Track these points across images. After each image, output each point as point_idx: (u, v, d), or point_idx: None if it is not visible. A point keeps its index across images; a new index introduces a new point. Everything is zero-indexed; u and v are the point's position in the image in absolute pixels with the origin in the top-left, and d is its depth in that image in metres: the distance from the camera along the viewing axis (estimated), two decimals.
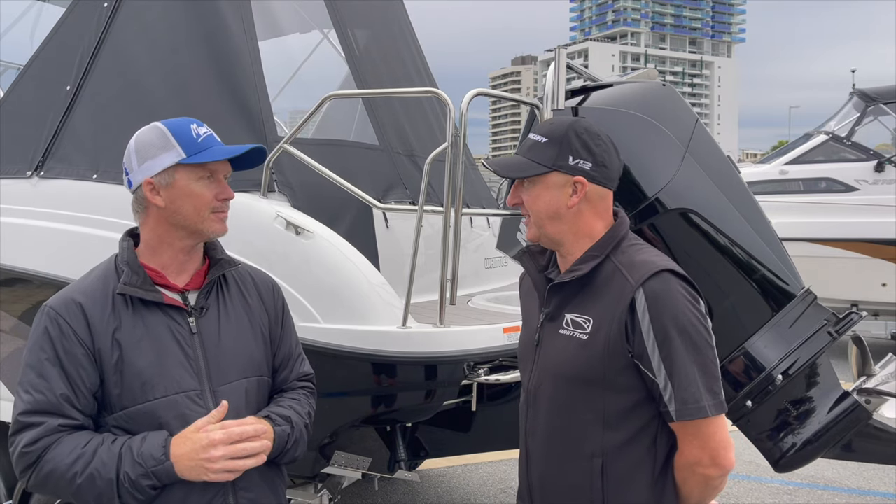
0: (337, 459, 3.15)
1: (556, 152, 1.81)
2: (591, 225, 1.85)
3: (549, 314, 1.88)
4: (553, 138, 1.82)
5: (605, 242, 1.84)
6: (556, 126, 1.85)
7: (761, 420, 2.86)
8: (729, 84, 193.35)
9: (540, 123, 1.91)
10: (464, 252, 3.45)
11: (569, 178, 1.81)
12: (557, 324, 1.85)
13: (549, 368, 1.87)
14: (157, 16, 3.54)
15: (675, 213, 2.78)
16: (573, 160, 1.81)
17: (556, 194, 1.82)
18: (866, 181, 8.63)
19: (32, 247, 3.39)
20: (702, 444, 1.74)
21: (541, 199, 1.84)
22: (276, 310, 1.99)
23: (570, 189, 1.82)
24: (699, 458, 1.75)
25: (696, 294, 1.79)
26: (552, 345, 1.86)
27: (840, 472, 5.40)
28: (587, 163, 1.81)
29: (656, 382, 1.73)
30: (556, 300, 1.87)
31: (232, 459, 1.68)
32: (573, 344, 1.80)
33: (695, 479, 1.78)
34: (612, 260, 1.82)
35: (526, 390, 1.94)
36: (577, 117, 1.91)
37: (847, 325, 2.97)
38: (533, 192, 1.85)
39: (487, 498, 5.00)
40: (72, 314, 1.73)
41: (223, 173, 1.84)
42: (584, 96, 3.13)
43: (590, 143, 1.82)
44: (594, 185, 1.82)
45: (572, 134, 1.82)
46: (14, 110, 3.74)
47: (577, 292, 1.83)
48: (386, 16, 4.62)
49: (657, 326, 1.71)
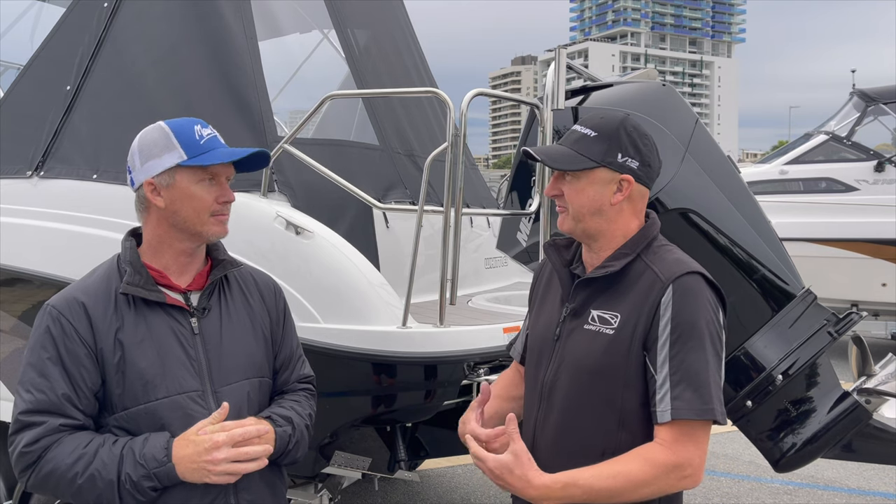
0: (337, 459, 3.15)
1: (605, 148, 1.79)
2: (627, 223, 1.84)
3: (574, 309, 1.85)
4: (603, 133, 1.81)
5: (638, 241, 1.83)
6: (606, 121, 1.83)
7: (761, 420, 2.86)
8: (729, 84, 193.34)
9: (587, 116, 1.89)
10: (464, 252, 3.45)
11: (615, 176, 1.80)
12: (582, 319, 1.83)
13: (569, 362, 1.83)
14: (157, 16, 3.54)
15: (675, 213, 2.78)
16: (622, 157, 1.79)
17: (600, 190, 1.81)
18: (866, 181, 8.63)
19: (32, 247, 3.39)
20: (696, 447, 1.70)
21: (584, 194, 1.81)
22: (278, 311, 1.99)
23: (615, 186, 1.81)
24: (690, 460, 1.69)
25: (720, 304, 1.79)
26: (575, 339, 1.83)
27: (840, 472, 5.40)
28: (635, 161, 1.80)
29: (655, 378, 1.71)
30: (582, 296, 1.85)
31: (234, 462, 1.68)
32: (599, 339, 1.78)
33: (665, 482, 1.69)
34: (643, 259, 1.81)
35: (540, 384, 1.90)
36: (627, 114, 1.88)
37: (847, 325, 2.97)
38: (577, 186, 1.82)
39: (487, 498, 5.00)
40: (74, 313, 1.73)
41: (225, 176, 1.83)
42: (584, 96, 3.14)
43: (638, 141, 1.81)
44: (637, 185, 1.82)
45: (623, 131, 1.80)
46: (14, 110, 3.74)
47: (605, 289, 1.82)
48: (386, 16, 4.63)
49: (676, 323, 1.70)
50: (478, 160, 9.51)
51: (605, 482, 1.66)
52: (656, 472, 1.67)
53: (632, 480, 1.66)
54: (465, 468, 5.50)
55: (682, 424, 1.69)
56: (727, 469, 5.50)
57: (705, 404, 1.68)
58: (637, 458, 1.69)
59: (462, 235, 2.94)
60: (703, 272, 1.78)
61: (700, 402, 1.68)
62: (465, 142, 2.89)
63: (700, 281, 1.76)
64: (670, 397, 1.69)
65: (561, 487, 1.67)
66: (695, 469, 1.70)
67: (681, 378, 1.69)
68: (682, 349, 1.70)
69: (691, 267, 1.77)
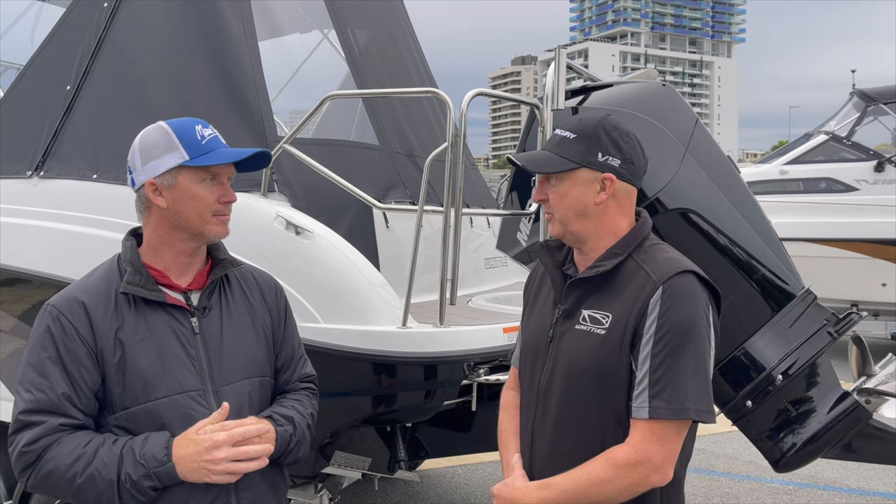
0: (337, 459, 3.15)
1: (585, 148, 1.80)
2: (616, 222, 1.84)
3: (566, 310, 1.86)
4: (582, 134, 1.82)
5: (629, 240, 1.83)
6: (585, 122, 1.84)
7: (761, 420, 2.86)
8: (729, 84, 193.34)
9: (567, 120, 1.90)
10: (464, 252, 3.45)
11: (597, 175, 1.81)
12: (574, 320, 1.84)
13: (563, 364, 1.84)
14: (157, 16, 3.54)
15: (675, 213, 2.78)
16: (602, 157, 1.80)
17: (583, 191, 1.81)
18: (866, 181, 8.64)
19: (32, 247, 3.39)
20: (662, 446, 1.70)
21: (568, 196, 1.82)
22: (279, 310, 1.99)
23: (599, 186, 1.81)
24: (651, 458, 1.68)
25: (714, 301, 1.79)
26: (568, 340, 1.84)
27: (840, 472, 5.40)
28: (616, 159, 1.81)
29: (634, 374, 1.72)
30: (574, 296, 1.86)
31: (234, 462, 1.68)
32: (590, 338, 1.79)
33: (628, 480, 1.70)
34: (635, 258, 1.81)
35: (536, 386, 1.91)
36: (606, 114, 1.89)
37: (847, 325, 2.97)
38: (560, 189, 1.83)
39: (487, 498, 5.00)
40: (74, 313, 1.73)
41: (226, 175, 1.83)
42: (584, 96, 3.14)
43: (619, 139, 1.82)
44: (622, 183, 1.82)
45: (601, 130, 1.81)
46: (14, 110, 3.74)
47: (596, 289, 1.82)
48: (386, 16, 4.63)
49: (661, 322, 1.71)
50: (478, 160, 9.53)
51: (572, 482, 1.74)
52: (616, 470, 1.71)
53: (593, 480, 1.72)
54: (465, 468, 5.50)
55: (655, 423, 1.70)
56: (727, 469, 5.50)
57: (681, 404, 1.69)
58: (601, 458, 1.74)
59: (462, 235, 2.94)
60: (695, 270, 1.78)
61: (677, 401, 1.69)
62: (465, 142, 2.89)
63: (692, 280, 1.76)
64: (648, 395, 1.70)
65: (537, 488, 1.79)
66: (656, 467, 1.70)
67: (659, 377, 1.70)
68: (664, 348, 1.70)
69: (683, 266, 1.77)
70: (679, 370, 1.69)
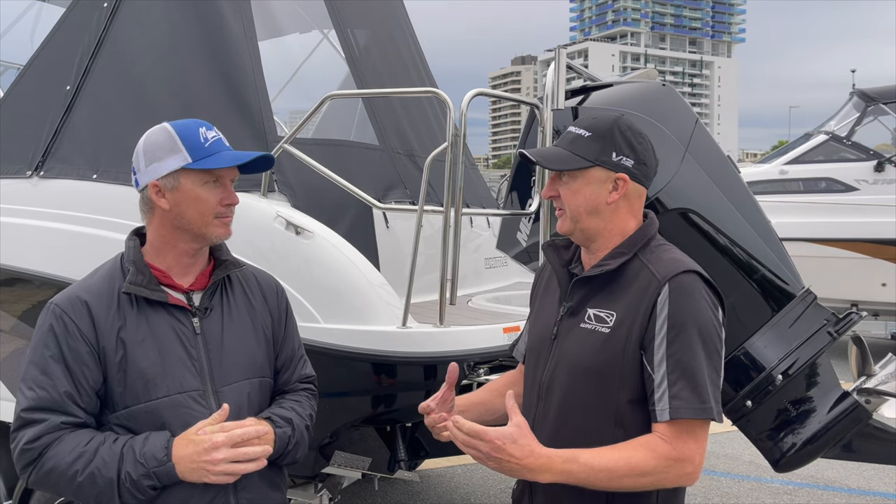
0: (337, 459, 3.15)
1: (599, 147, 1.81)
2: (625, 222, 1.85)
3: (571, 308, 1.87)
4: (597, 133, 1.82)
5: (635, 240, 1.84)
6: (600, 121, 1.84)
7: (761, 420, 2.86)
8: (729, 84, 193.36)
9: (582, 117, 1.90)
10: (464, 252, 3.45)
11: (610, 175, 1.81)
12: (579, 318, 1.84)
13: (566, 361, 1.84)
14: (156, 16, 3.54)
15: (675, 213, 2.78)
16: (616, 156, 1.80)
17: (596, 190, 1.82)
18: (866, 181, 8.64)
19: (32, 247, 3.39)
20: (698, 444, 1.70)
21: (580, 194, 1.83)
22: (280, 311, 1.99)
23: (611, 185, 1.82)
24: (692, 456, 1.69)
25: (718, 302, 1.79)
26: (571, 338, 1.84)
27: (840, 472, 5.40)
28: (629, 160, 1.81)
29: (652, 377, 1.72)
30: (579, 295, 1.86)
31: (232, 463, 1.68)
32: (594, 337, 1.79)
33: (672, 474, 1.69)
34: (640, 258, 1.81)
35: (538, 384, 1.91)
36: (620, 114, 1.89)
37: (847, 325, 2.97)
38: (572, 186, 1.83)
39: (487, 498, 5.00)
40: (77, 312, 1.73)
41: (229, 178, 1.84)
42: (584, 96, 3.14)
43: (633, 140, 1.82)
44: (633, 183, 1.83)
45: (616, 130, 1.82)
46: (14, 110, 3.75)
47: (601, 288, 1.83)
48: (386, 16, 4.63)
49: (672, 321, 1.70)
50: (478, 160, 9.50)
51: (606, 463, 1.66)
52: (658, 462, 1.67)
53: (633, 467, 1.66)
54: (465, 468, 5.50)
55: (681, 423, 1.69)
56: (727, 469, 5.50)
57: (703, 403, 1.68)
58: (641, 446, 1.69)
59: (462, 235, 2.94)
60: (699, 271, 1.78)
61: (698, 400, 1.68)
62: (465, 142, 2.89)
63: (696, 279, 1.76)
64: (668, 396, 1.69)
65: (562, 461, 1.66)
66: (695, 466, 1.70)
67: (679, 377, 1.69)
68: (679, 348, 1.70)
69: (688, 266, 1.78)
70: (696, 369, 1.69)
